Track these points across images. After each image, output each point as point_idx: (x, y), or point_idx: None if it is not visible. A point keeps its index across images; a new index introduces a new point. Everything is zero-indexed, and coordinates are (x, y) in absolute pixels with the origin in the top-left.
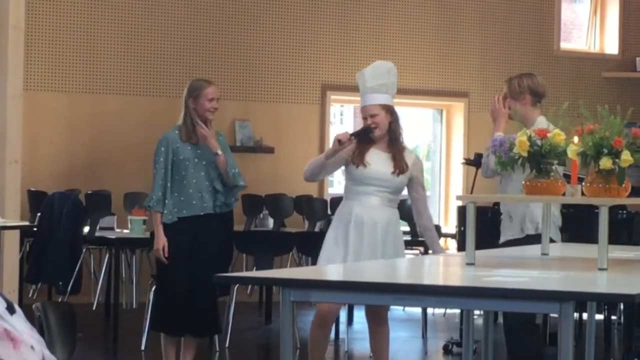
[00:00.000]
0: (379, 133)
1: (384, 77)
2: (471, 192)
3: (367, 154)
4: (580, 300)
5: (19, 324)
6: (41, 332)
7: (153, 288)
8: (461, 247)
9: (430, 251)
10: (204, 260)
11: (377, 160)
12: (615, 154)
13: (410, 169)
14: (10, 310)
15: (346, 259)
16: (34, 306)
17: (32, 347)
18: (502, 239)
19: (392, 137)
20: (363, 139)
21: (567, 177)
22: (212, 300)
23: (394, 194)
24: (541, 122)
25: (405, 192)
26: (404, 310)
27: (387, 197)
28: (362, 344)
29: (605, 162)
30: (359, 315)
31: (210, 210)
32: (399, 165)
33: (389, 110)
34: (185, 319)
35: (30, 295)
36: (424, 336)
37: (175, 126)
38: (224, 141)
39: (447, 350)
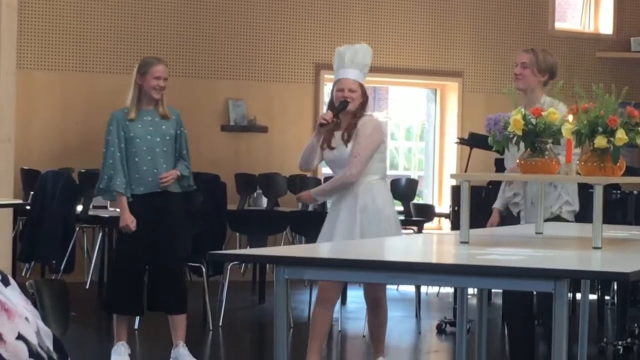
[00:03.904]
0: (352, 108)
1: (365, 59)
2: (465, 171)
3: (333, 138)
4: (575, 278)
5: (14, 295)
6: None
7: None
8: (455, 226)
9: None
10: (165, 237)
11: (338, 142)
12: (610, 133)
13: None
14: (5, 282)
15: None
16: (27, 283)
17: (26, 319)
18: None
19: (353, 115)
20: (339, 113)
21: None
22: (176, 276)
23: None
24: (547, 101)
25: (399, 172)
26: (397, 289)
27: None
28: (355, 323)
29: (600, 141)
30: (353, 294)
31: (171, 188)
32: (347, 133)
33: (364, 91)
34: (145, 296)
35: (23, 274)
36: (418, 316)
37: (124, 107)
38: (178, 119)
39: (440, 329)
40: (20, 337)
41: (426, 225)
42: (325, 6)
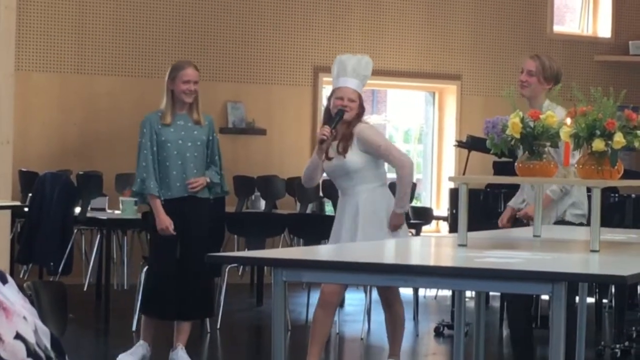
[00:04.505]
0: (348, 118)
1: (367, 70)
2: (463, 174)
3: (330, 149)
4: (572, 281)
5: (11, 294)
6: None
7: (144, 270)
8: (453, 229)
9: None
10: (194, 241)
11: (335, 152)
12: (607, 136)
13: (356, 143)
14: (2, 280)
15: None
16: (25, 285)
17: (24, 318)
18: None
19: (348, 125)
20: (337, 124)
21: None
22: (204, 282)
23: (352, 178)
24: (546, 104)
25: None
26: None
27: (346, 184)
28: (353, 326)
29: (598, 144)
30: (351, 297)
31: (199, 194)
32: (343, 143)
33: (361, 102)
34: (176, 301)
35: (21, 276)
36: (415, 318)
37: (158, 109)
38: (211, 124)
39: (438, 332)
40: (18, 336)
41: (424, 228)
42: (324, 9)
